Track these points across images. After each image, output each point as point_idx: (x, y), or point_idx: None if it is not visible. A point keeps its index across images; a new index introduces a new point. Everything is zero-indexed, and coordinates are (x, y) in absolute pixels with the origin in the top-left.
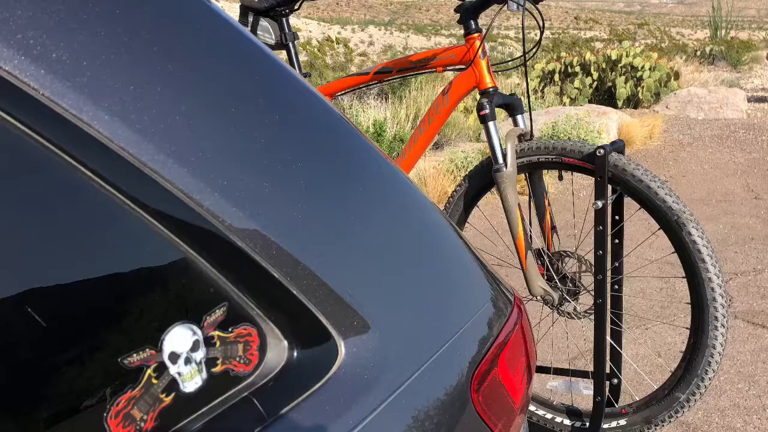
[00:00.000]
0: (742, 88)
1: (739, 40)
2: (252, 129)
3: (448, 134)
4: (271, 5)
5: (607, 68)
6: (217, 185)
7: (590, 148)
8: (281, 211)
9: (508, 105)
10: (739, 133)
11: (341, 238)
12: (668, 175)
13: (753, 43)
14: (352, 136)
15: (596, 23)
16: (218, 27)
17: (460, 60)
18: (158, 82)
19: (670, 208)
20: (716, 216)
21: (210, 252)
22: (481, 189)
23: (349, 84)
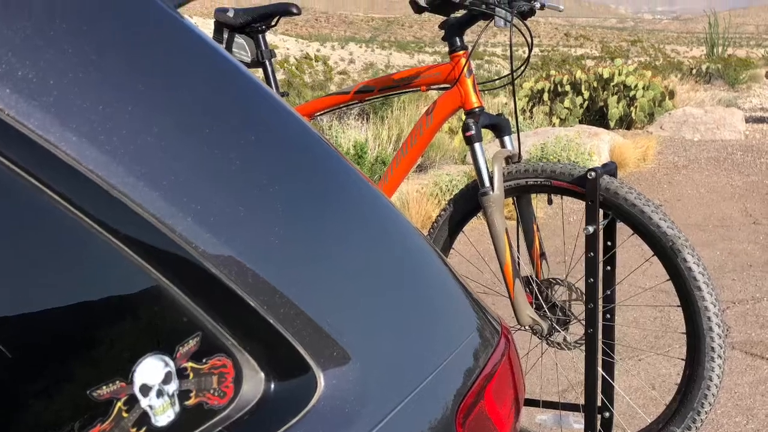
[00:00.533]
0: (740, 107)
1: (736, 57)
2: (227, 150)
3: (432, 156)
4: (246, 21)
5: (598, 87)
6: (190, 209)
7: (581, 170)
8: (257, 237)
9: (495, 125)
10: (736, 155)
11: (320, 264)
12: (663, 199)
13: (751, 60)
14: (331, 158)
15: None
16: (192, 44)
17: (445, 78)
18: (128, 101)
19: (664, 234)
20: (713, 242)
21: (183, 279)
22: (467, 213)
23: (329, 103)
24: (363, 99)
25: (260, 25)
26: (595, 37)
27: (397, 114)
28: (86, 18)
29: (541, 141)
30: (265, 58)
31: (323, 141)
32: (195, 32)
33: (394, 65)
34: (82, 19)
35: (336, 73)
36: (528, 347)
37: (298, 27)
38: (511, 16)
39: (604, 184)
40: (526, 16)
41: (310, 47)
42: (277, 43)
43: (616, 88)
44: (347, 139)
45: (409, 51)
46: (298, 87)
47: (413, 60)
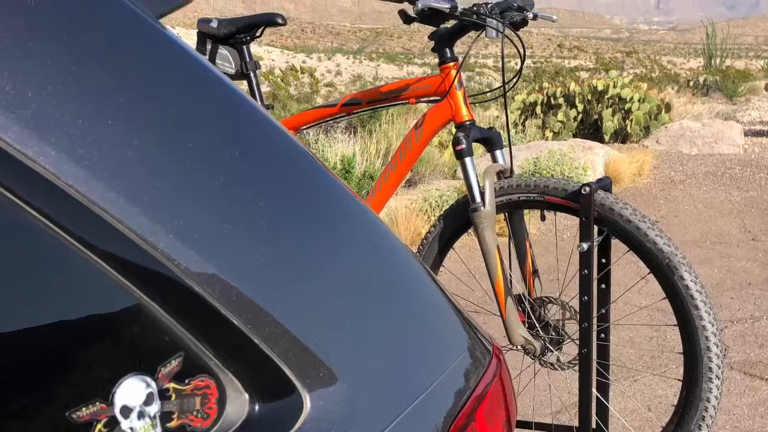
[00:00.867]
0: (739, 121)
1: (735, 69)
2: (210, 165)
3: (421, 171)
4: (230, 32)
5: (592, 100)
6: (172, 226)
7: (575, 185)
8: (241, 254)
9: (486, 139)
10: (735, 169)
11: (306, 282)
12: (659, 215)
13: (750, 72)
14: (317, 172)
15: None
16: (174, 55)
17: (435, 91)
18: (109, 114)
19: (660, 251)
20: (711, 259)
21: (165, 298)
22: (457, 230)
23: (315, 117)
24: (350, 112)
25: (244, 35)
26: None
27: (386, 127)
28: (66, 28)
29: (534, 155)
30: (249, 69)
31: (309, 155)
32: (177, 43)
33: (382, 77)
34: (61, 30)
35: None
36: (520, 367)
37: (284, 38)
38: (502, 26)
39: (598, 199)
40: (518, 27)
41: (296, 59)
42: (262, 54)
43: (611, 101)
44: (334, 154)
45: (398, 62)
46: (283, 99)
47: (402, 72)
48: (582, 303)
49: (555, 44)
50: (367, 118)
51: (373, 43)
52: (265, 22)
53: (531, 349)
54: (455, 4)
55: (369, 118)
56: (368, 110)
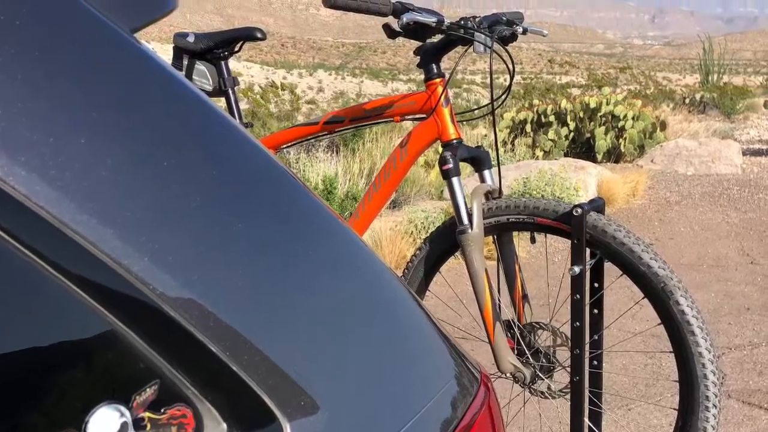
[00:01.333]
0: (737, 139)
1: (733, 86)
2: (186, 185)
3: (406, 191)
4: (208, 47)
5: (585, 117)
6: (147, 249)
7: (566, 207)
8: (219, 278)
9: (474, 159)
10: (733, 190)
11: (286, 307)
12: (654, 238)
13: (749, 89)
14: (298, 193)
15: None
16: (149, 71)
17: (421, 108)
18: (81, 133)
19: (655, 275)
20: (707, 283)
21: (139, 323)
22: (444, 253)
23: (296, 135)
24: (332, 130)
25: (222, 50)
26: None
27: (369, 146)
28: (37, 43)
29: (524, 175)
30: (227, 86)
31: (290, 175)
32: (153, 59)
33: (365, 94)
34: (32, 45)
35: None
36: (509, 396)
37: (263, 53)
38: (491, 41)
39: (590, 221)
40: (507, 42)
41: (276, 75)
42: (241, 70)
43: (604, 119)
44: (316, 173)
45: (382, 79)
46: (263, 117)
47: (386, 88)
48: (574, 329)
49: (545, 60)
50: (350, 137)
51: (356, 59)
52: (244, 37)
53: (520, 376)
54: (442, 18)
55: (352, 137)
56: (351, 128)
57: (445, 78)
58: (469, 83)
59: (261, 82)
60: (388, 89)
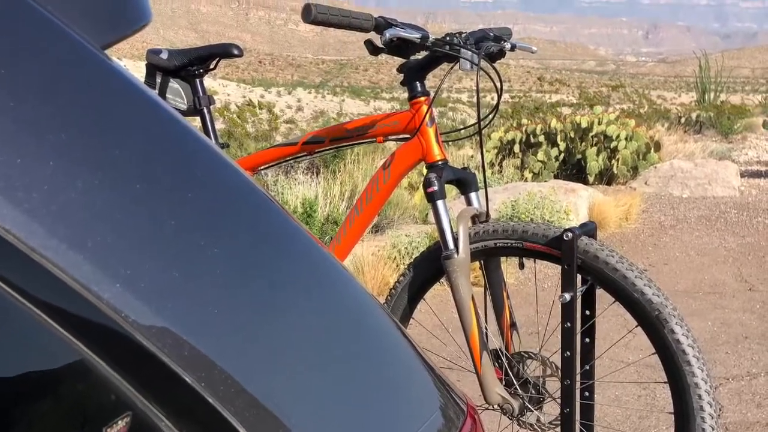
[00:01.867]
0: (735, 160)
1: (730, 104)
2: (160, 209)
3: (389, 215)
4: (182, 64)
5: (575, 137)
6: (118, 275)
7: (556, 231)
8: (194, 305)
9: (459, 181)
10: (730, 213)
11: (265, 336)
12: (648, 263)
13: (747, 108)
14: (277, 217)
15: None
16: (121, 90)
17: (404, 128)
18: (50, 154)
19: (649, 302)
20: (704, 311)
21: (111, 353)
22: (429, 279)
23: (274, 156)
24: (312, 151)
25: (198, 68)
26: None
27: (351, 168)
28: (3, 60)
29: (512, 198)
30: (202, 105)
31: (268, 198)
32: (125, 76)
33: (347, 113)
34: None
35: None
36: (497, 429)
37: (240, 70)
38: (477, 58)
39: (582, 246)
40: (494, 59)
41: (254, 93)
42: (217, 88)
43: (596, 139)
44: (294, 196)
45: (364, 97)
46: (239, 137)
47: (368, 107)
48: (564, 358)
49: (535, 77)
50: (331, 158)
51: (337, 76)
52: (220, 54)
53: (509, 408)
54: (426, 34)
55: (333, 158)
56: (332, 149)
57: (430, 96)
58: (455, 102)
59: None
60: (370, 108)
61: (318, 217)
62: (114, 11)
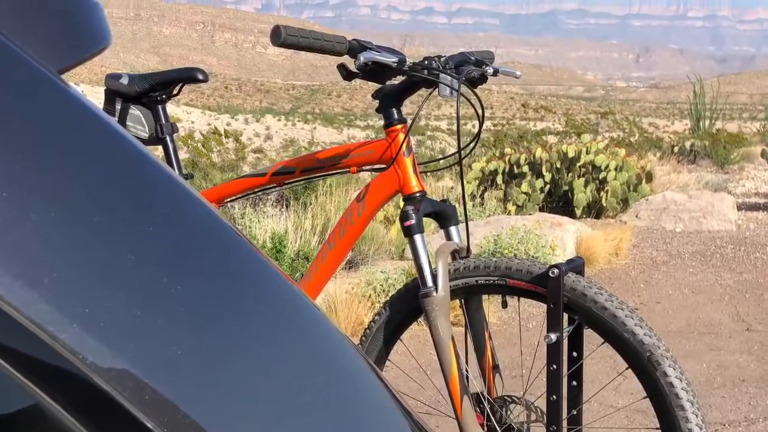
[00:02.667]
0: (731, 192)
1: (726, 133)
2: (119, 244)
3: (364, 250)
4: (144, 89)
5: (562, 168)
6: (75, 314)
7: (541, 267)
8: (156, 346)
9: (439, 214)
10: (726, 248)
11: (230, 379)
12: (639, 302)
13: (744, 136)
14: (244, 252)
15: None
16: (78, 117)
17: (380, 157)
18: (1, 185)
19: (641, 343)
20: (698, 352)
21: (68, 397)
22: (406, 319)
23: (241, 188)
24: (282, 182)
25: (160, 93)
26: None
27: (323, 200)
28: None
29: (494, 232)
30: (165, 133)
31: (234, 232)
32: (82, 102)
33: (319, 142)
34: None
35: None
36: None
37: (205, 96)
38: (458, 83)
39: (569, 283)
40: (476, 84)
41: (219, 120)
42: (180, 115)
43: (584, 170)
44: (263, 230)
45: (337, 125)
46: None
47: (342, 136)
48: (550, 403)
49: (518, 104)
50: (302, 190)
51: (308, 103)
52: (184, 78)
53: None
54: (403, 58)
55: (303, 190)
56: (303, 180)
57: (407, 124)
58: (434, 130)
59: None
60: (343, 136)
61: (288, 252)
62: (71, 33)
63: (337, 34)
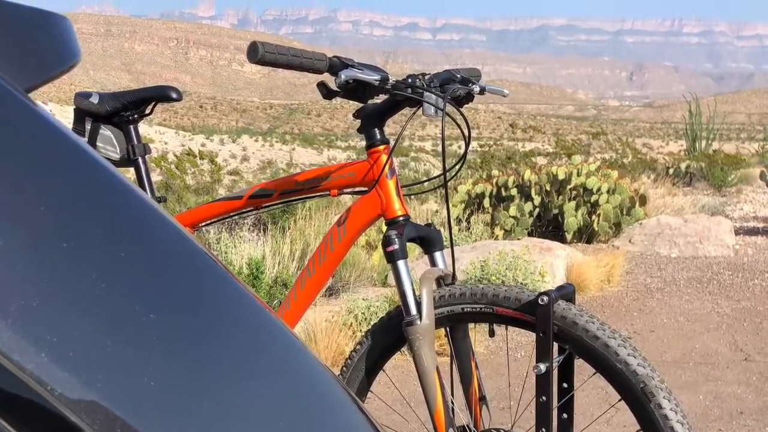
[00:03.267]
0: (729, 216)
1: (723, 154)
2: (89, 270)
3: (345, 276)
4: (115, 109)
5: (552, 191)
6: (44, 343)
7: (530, 295)
8: (128, 377)
9: (423, 239)
10: (724, 275)
11: (205, 411)
12: (632, 330)
13: (742, 158)
14: (219, 278)
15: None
16: (46, 137)
17: (361, 180)
18: None
19: (634, 373)
20: (694, 383)
21: (35, 429)
22: (389, 348)
23: (217, 211)
24: (259, 206)
25: (131, 113)
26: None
27: (302, 224)
28: None
29: (481, 257)
30: (137, 154)
31: (210, 258)
32: (50, 122)
33: (297, 163)
34: None
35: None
36: None
37: (179, 116)
38: (443, 102)
39: (559, 311)
40: (462, 103)
41: (194, 141)
42: (153, 136)
43: (574, 192)
44: (239, 256)
45: (317, 146)
46: (178, 191)
47: (322, 157)
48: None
49: (506, 123)
50: (280, 213)
51: (286, 122)
52: (157, 97)
53: None
54: (386, 76)
55: (282, 213)
56: (281, 203)
57: (390, 145)
58: (418, 151)
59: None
60: (323, 158)
61: (265, 279)
62: (38, 50)
63: (317, 50)
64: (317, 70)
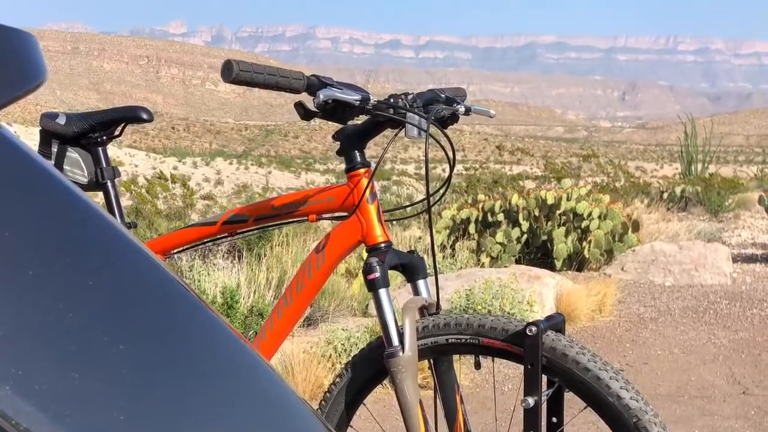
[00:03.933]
0: (726, 243)
1: (720, 177)
2: (56, 300)
3: (324, 306)
4: (83, 130)
5: (540, 216)
6: (8, 376)
7: (518, 325)
8: (96, 411)
9: (405, 266)
10: (721, 304)
11: None
12: (625, 362)
13: (740, 181)
14: (192, 308)
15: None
16: (9, 160)
17: (341, 205)
18: None
19: (626, 407)
20: (690, 417)
21: None
22: (370, 381)
23: (190, 238)
24: (234, 231)
25: (100, 134)
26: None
27: (279, 251)
28: None
29: (467, 286)
30: (106, 177)
31: (182, 287)
32: (15, 144)
33: (274, 187)
34: None
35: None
36: None
37: (150, 137)
38: (426, 123)
39: (548, 342)
40: (446, 124)
41: (165, 164)
42: (123, 158)
43: (564, 218)
44: (213, 284)
45: (294, 169)
46: (149, 216)
47: (300, 181)
48: None
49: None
50: (256, 240)
51: (262, 144)
52: (127, 118)
53: None
54: (367, 96)
55: (257, 240)
56: (257, 229)
57: (371, 168)
58: (400, 174)
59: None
60: (301, 181)
61: (240, 308)
62: (2, 69)
63: (295, 69)
64: (295, 90)
